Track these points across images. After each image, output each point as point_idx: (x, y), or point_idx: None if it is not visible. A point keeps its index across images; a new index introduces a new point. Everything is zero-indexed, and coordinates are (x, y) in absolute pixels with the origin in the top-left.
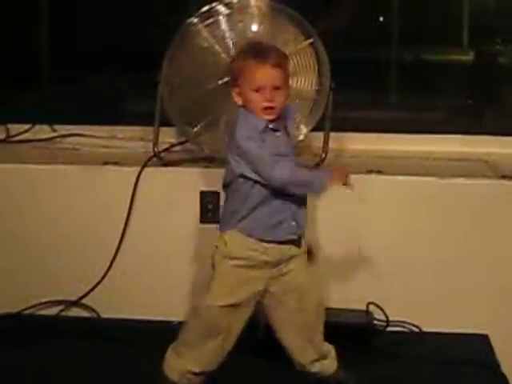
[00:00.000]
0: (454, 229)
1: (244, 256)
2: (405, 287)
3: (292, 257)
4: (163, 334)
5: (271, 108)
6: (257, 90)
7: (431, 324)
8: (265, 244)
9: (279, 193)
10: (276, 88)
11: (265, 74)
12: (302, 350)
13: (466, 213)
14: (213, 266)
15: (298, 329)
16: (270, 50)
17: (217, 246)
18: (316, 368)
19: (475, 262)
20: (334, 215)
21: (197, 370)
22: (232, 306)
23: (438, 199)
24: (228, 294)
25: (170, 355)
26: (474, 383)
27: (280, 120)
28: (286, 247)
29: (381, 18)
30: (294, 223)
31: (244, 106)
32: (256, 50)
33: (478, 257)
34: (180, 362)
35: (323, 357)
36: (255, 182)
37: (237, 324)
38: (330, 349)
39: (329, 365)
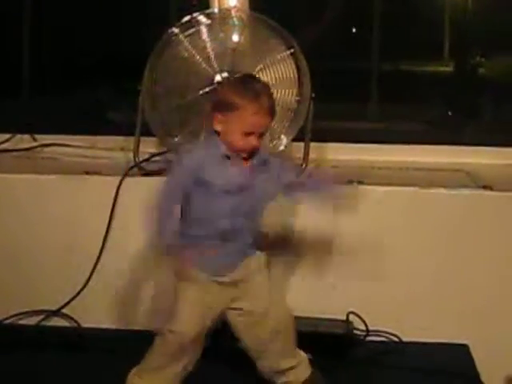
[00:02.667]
0: (434, 239)
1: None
2: (385, 297)
3: (252, 277)
4: (144, 343)
5: (252, 151)
6: (245, 134)
7: (411, 334)
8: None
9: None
10: (261, 134)
11: (261, 123)
12: (260, 364)
13: (446, 223)
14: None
15: (253, 346)
16: (267, 94)
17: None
18: (280, 379)
19: (455, 272)
20: (313, 224)
21: None
22: (198, 329)
23: (419, 209)
24: (197, 322)
25: (133, 379)
26: None
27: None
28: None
29: (361, 29)
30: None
31: (219, 133)
32: (256, 93)
33: (458, 267)
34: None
35: (286, 370)
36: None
37: (199, 344)
38: (300, 357)
39: (298, 374)
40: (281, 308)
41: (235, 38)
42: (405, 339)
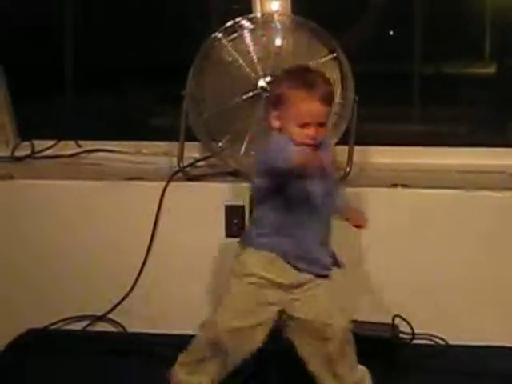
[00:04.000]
0: (479, 241)
1: (258, 275)
2: (431, 300)
3: (311, 282)
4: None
5: (312, 144)
6: (302, 126)
7: (457, 337)
8: (285, 266)
9: (309, 223)
10: (321, 124)
11: (313, 111)
12: (325, 380)
13: (491, 225)
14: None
15: (320, 359)
16: (321, 80)
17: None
18: None
19: (502, 275)
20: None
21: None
22: (239, 325)
23: (464, 212)
24: (235, 317)
25: (176, 371)
26: None
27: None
28: (307, 276)
29: (403, 32)
30: (326, 260)
31: (279, 130)
32: (306, 82)
33: (504, 269)
34: (186, 377)
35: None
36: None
37: (244, 347)
38: (362, 373)
39: None
40: (343, 319)
41: (278, 42)
42: (451, 342)
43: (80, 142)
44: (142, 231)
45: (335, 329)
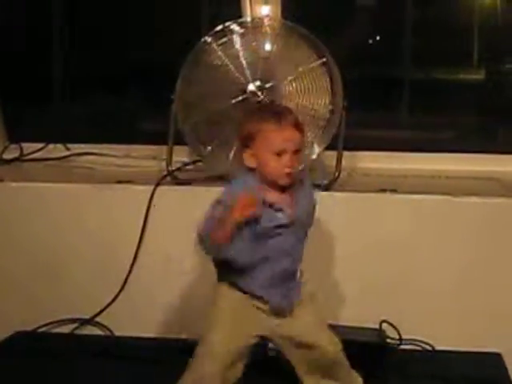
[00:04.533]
0: (466, 247)
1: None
2: (418, 305)
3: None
4: (178, 351)
5: (290, 174)
6: (278, 154)
7: (444, 342)
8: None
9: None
10: (296, 152)
11: (287, 138)
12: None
13: (478, 231)
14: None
15: (312, 370)
16: (287, 111)
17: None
18: None
19: (489, 281)
20: (348, 233)
21: None
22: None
23: (451, 218)
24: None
25: None
26: None
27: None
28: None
29: (393, 38)
30: (284, 301)
31: (253, 170)
32: (275, 113)
33: (491, 275)
34: None
35: None
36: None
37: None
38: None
39: None
40: (331, 336)
41: (267, 47)
42: (438, 348)
43: (69, 145)
44: (131, 235)
45: (325, 352)
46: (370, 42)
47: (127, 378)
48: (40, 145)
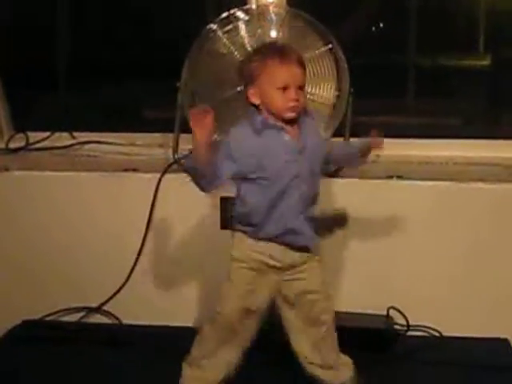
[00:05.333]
0: (473, 233)
1: (249, 259)
2: (426, 292)
3: (305, 263)
4: (184, 339)
5: (296, 107)
6: (283, 89)
7: (452, 328)
8: (272, 247)
9: (285, 196)
10: (300, 87)
11: (291, 73)
12: (308, 354)
13: (485, 217)
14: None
15: (306, 336)
16: (291, 49)
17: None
18: (321, 375)
19: (495, 267)
20: (354, 219)
21: (217, 379)
22: (243, 309)
23: (458, 204)
24: (237, 298)
25: (186, 369)
26: None
27: (293, 123)
28: (296, 253)
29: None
30: (305, 231)
31: (258, 106)
32: (278, 49)
33: (497, 261)
34: (199, 373)
35: (329, 367)
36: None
37: (249, 327)
38: (344, 362)
39: (337, 375)
40: (330, 302)
41: (273, 33)
42: (445, 334)
43: (74, 134)
44: (137, 223)
45: (323, 313)
46: (375, 28)
47: (135, 365)
48: (46, 134)
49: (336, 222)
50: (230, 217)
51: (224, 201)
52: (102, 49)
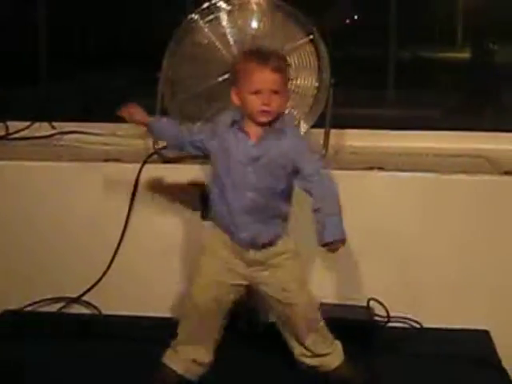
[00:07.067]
0: (454, 225)
1: (214, 248)
2: (406, 283)
3: (270, 260)
4: (164, 330)
5: (267, 112)
6: (255, 93)
7: (432, 320)
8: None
9: (230, 197)
10: (274, 92)
11: (264, 78)
12: (294, 344)
13: (466, 209)
14: None
15: (288, 327)
16: (271, 54)
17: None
18: (311, 362)
19: (476, 258)
20: None
21: (193, 357)
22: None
23: (439, 195)
24: (203, 277)
25: (170, 352)
26: (474, 379)
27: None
28: (246, 251)
29: (379, 16)
30: (244, 235)
31: (240, 107)
32: (257, 54)
33: (478, 253)
34: (183, 353)
35: (317, 355)
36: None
37: (217, 310)
38: (334, 346)
39: (327, 361)
40: (308, 296)
41: (254, 24)
42: (426, 325)
43: (54, 124)
44: (118, 213)
45: (299, 306)
46: (356, 20)
47: (115, 356)
48: (26, 123)
49: None
50: (210, 207)
51: (203, 192)
52: (83, 39)
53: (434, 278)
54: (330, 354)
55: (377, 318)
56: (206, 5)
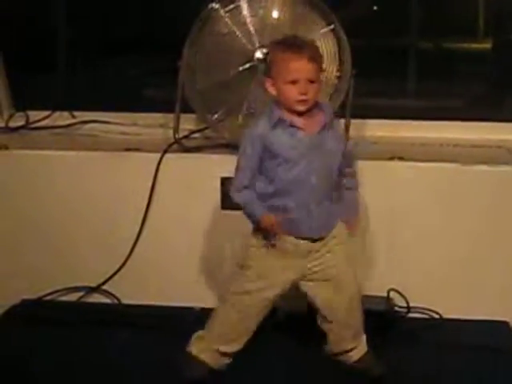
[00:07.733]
0: (475, 215)
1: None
2: (426, 274)
3: (325, 247)
4: (183, 319)
5: (304, 101)
6: (292, 83)
7: (452, 311)
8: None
9: (292, 188)
10: (310, 81)
11: (300, 68)
12: (336, 337)
13: (487, 199)
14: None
15: (331, 318)
16: (306, 44)
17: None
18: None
19: (496, 249)
20: None
21: (225, 350)
22: (260, 290)
23: (459, 186)
24: (255, 280)
25: (200, 342)
26: (494, 369)
27: (309, 118)
28: (304, 242)
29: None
30: (312, 224)
31: (276, 97)
32: (293, 44)
33: (498, 243)
34: (215, 346)
35: (345, 351)
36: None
37: (263, 307)
38: (359, 341)
39: (351, 354)
40: (355, 284)
41: (275, 14)
42: (445, 316)
43: (75, 113)
44: (137, 202)
45: (346, 288)
46: (377, 10)
47: (134, 345)
48: (46, 113)
49: None
50: (230, 197)
51: (224, 181)
52: (104, 27)
53: (454, 269)
54: (355, 348)
55: (397, 309)
56: None
